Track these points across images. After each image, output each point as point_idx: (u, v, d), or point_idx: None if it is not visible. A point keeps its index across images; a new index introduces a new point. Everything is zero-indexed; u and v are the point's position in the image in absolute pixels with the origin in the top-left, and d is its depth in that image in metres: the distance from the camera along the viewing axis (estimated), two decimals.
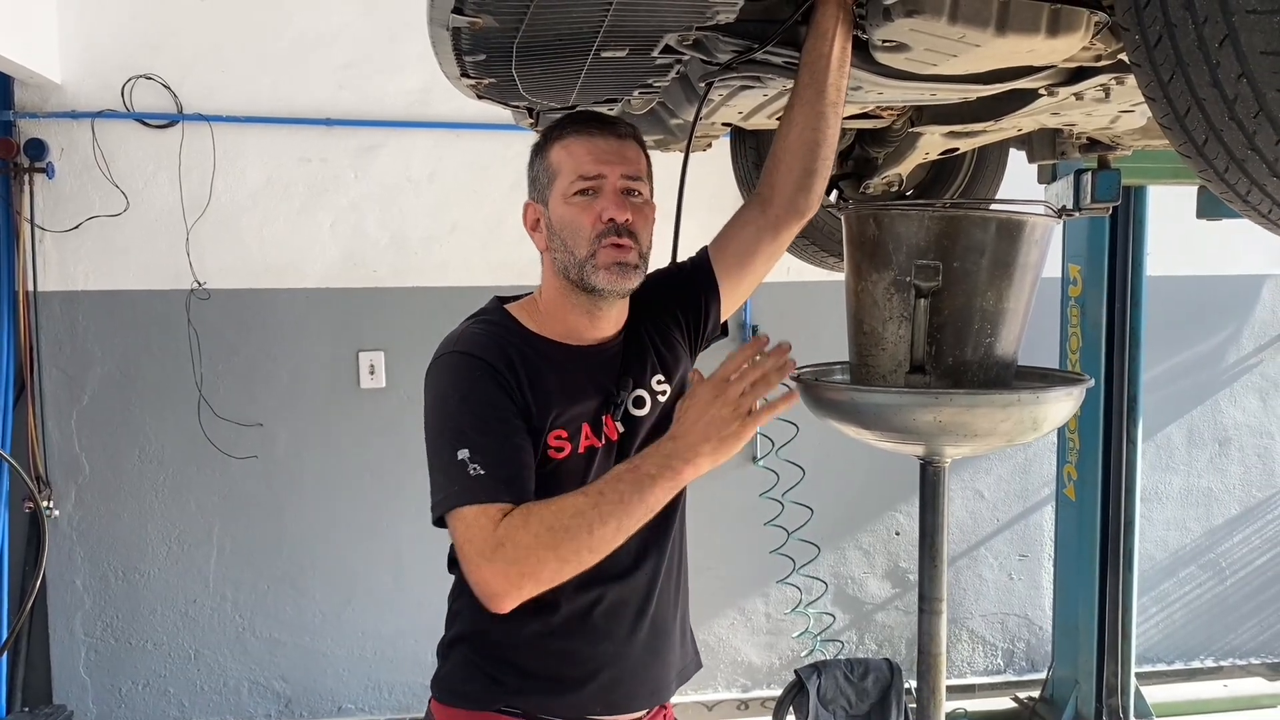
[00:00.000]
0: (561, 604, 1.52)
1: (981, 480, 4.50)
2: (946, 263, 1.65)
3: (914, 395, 1.63)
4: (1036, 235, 1.74)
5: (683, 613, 1.69)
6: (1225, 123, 0.89)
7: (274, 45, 3.87)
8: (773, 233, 1.65)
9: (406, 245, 3.99)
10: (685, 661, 1.70)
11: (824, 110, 1.52)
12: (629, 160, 1.55)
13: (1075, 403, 1.74)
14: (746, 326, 4.19)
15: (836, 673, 2.59)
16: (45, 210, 3.76)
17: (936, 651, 1.78)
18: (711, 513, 4.23)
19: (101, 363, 3.86)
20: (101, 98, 3.76)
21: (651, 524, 1.55)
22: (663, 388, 1.63)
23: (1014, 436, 1.67)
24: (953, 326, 1.70)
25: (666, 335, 1.67)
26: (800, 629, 4.27)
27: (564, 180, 1.53)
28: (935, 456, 1.74)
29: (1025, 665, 4.59)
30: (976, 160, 2.56)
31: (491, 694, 1.55)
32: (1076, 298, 3.81)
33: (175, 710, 3.99)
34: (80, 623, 3.91)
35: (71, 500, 3.86)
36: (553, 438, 1.50)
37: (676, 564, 1.65)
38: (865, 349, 1.79)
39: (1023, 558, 4.56)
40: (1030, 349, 4.31)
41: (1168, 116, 0.96)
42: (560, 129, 1.59)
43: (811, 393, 1.78)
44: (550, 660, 1.55)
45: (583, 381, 1.55)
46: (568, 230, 1.53)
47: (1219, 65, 0.86)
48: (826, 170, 1.59)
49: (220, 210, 3.86)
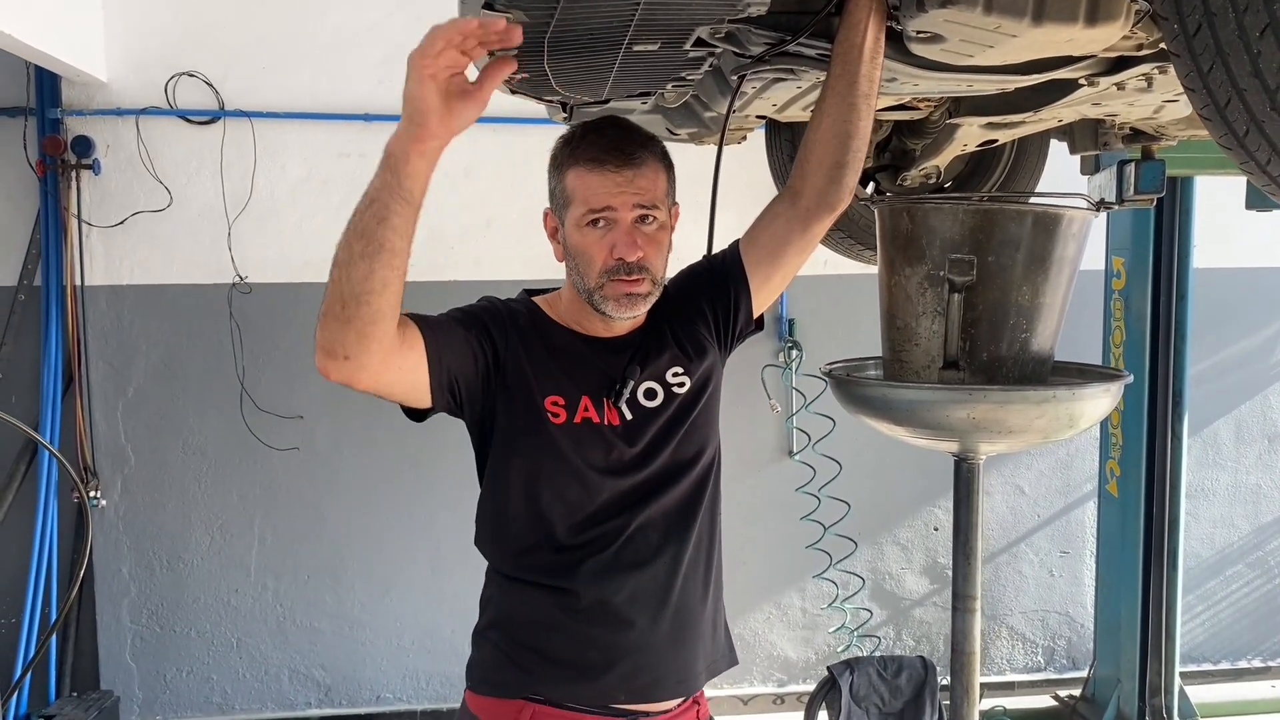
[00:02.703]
0: (582, 592, 1.55)
1: (1022, 476, 4.44)
2: (981, 257, 1.62)
3: (948, 391, 1.61)
4: (1074, 229, 1.70)
5: (713, 606, 1.68)
6: (1267, 114, 0.86)
7: (313, 41, 3.91)
8: (803, 225, 1.63)
9: (443, 240, 4.02)
10: (716, 655, 1.70)
11: (856, 102, 1.50)
12: (642, 190, 1.55)
13: (1113, 399, 1.71)
14: (782, 320, 4.17)
15: (870, 670, 2.57)
16: (92, 206, 3.84)
17: (970, 650, 1.76)
18: (747, 507, 4.22)
19: (146, 356, 3.93)
20: (146, 95, 3.83)
21: (670, 515, 1.56)
22: (679, 380, 1.63)
23: (1050, 433, 1.65)
24: (987, 322, 1.67)
25: (692, 329, 1.67)
26: (837, 624, 4.24)
27: (577, 209, 1.57)
28: (970, 453, 1.72)
29: (1066, 663, 4.52)
30: (1016, 152, 2.52)
31: (519, 681, 1.57)
32: (1120, 291, 3.75)
33: (218, 697, 4.06)
34: (126, 610, 4.00)
35: (118, 490, 3.94)
36: (549, 402, 1.55)
37: (705, 557, 1.65)
38: (898, 344, 1.76)
39: (1064, 554, 4.49)
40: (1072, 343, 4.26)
41: (1208, 108, 0.94)
42: (575, 152, 1.61)
43: (844, 388, 1.76)
44: (573, 647, 1.57)
45: (587, 365, 1.59)
46: (580, 258, 1.58)
47: (1260, 55, 0.84)
48: (858, 163, 1.58)
49: (261, 205, 3.92)
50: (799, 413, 4.13)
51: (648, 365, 1.61)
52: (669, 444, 1.60)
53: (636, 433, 1.58)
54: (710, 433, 1.67)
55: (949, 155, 2.35)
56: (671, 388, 1.62)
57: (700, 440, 1.64)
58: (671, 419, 1.60)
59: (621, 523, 1.56)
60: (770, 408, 4.10)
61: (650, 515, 1.58)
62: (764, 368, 4.09)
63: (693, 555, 1.62)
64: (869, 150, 2.57)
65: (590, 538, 1.55)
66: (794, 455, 4.17)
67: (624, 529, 1.56)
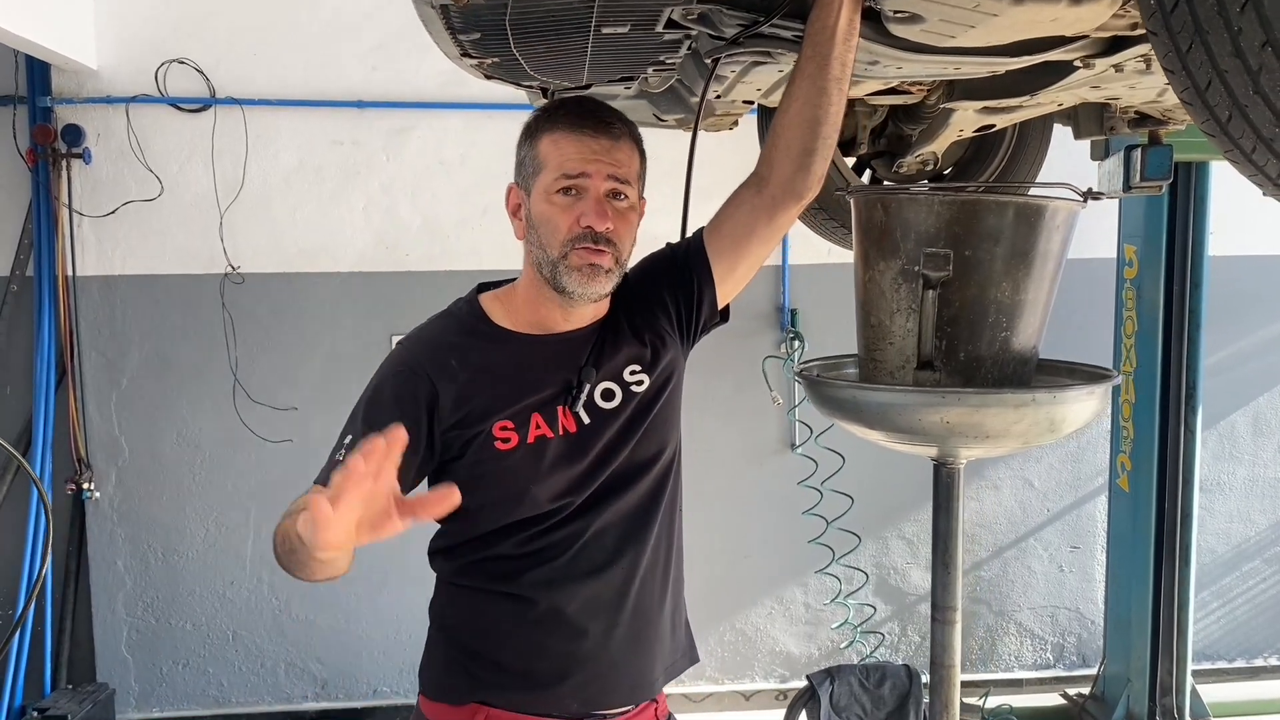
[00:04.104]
0: (535, 600, 1.49)
1: (1031, 469, 4.34)
2: (958, 251, 1.53)
3: (918, 394, 1.52)
4: (1057, 221, 1.60)
5: (673, 606, 1.63)
6: (1250, 97, 0.78)
7: (305, 27, 3.84)
8: (768, 214, 1.55)
9: (439, 229, 3.95)
10: (675, 656, 1.65)
11: (826, 86, 1.42)
12: (618, 162, 1.50)
13: (1099, 402, 1.61)
14: (785, 311, 4.08)
15: (851, 678, 2.49)
16: (83, 195, 3.79)
17: (950, 664, 1.68)
18: (749, 500, 4.16)
19: (139, 346, 3.89)
20: (136, 83, 3.77)
21: (628, 518, 1.50)
22: (637, 378, 1.56)
23: (1030, 439, 1.56)
24: (964, 320, 1.58)
25: (652, 323, 1.60)
26: (840, 619, 4.17)
27: (548, 175, 1.49)
28: (949, 458, 1.63)
29: (1076, 660, 4.43)
30: (1017, 138, 2.42)
31: (469, 688, 1.52)
32: (1132, 279, 3.64)
33: (215, 690, 4.04)
34: (122, 603, 3.97)
35: (112, 482, 3.91)
36: (498, 429, 1.47)
37: (664, 557, 1.59)
38: (873, 343, 1.68)
39: (1074, 549, 4.39)
40: (1083, 334, 4.17)
41: (1188, 91, 0.85)
42: (553, 117, 1.54)
43: (815, 389, 1.68)
44: (524, 656, 1.51)
45: (539, 373, 1.51)
46: (544, 227, 1.50)
47: (1241, 33, 0.75)
48: (828, 151, 1.49)
49: (253, 194, 3.86)
50: (801, 405, 4.05)
51: (604, 364, 1.54)
52: (626, 446, 1.53)
53: (593, 437, 1.51)
54: (670, 430, 1.60)
55: (945, 141, 2.26)
56: (630, 387, 1.55)
57: (659, 439, 1.57)
58: (629, 420, 1.54)
59: (576, 529, 1.50)
60: (772, 400, 4.02)
61: (607, 520, 1.52)
62: (765, 359, 4.01)
63: (651, 558, 1.56)
64: (865, 137, 2.50)
65: (542, 546, 1.50)
66: (796, 448, 4.09)
67: (579, 536, 1.50)
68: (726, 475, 4.12)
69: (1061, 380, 1.74)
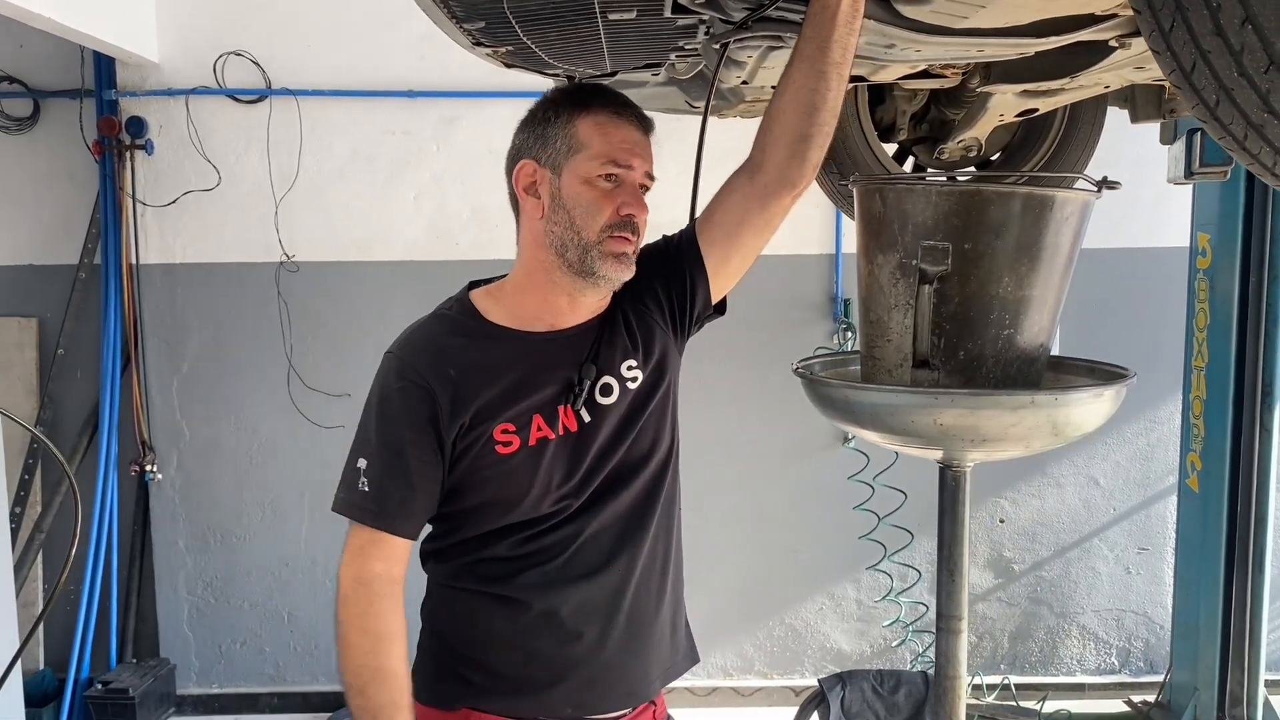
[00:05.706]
0: (529, 603, 1.46)
1: (1097, 467, 4.17)
2: (957, 244, 1.44)
3: (911, 395, 1.44)
4: (1066, 213, 1.49)
5: (672, 608, 1.58)
6: (1235, 80, 0.70)
7: (355, 18, 3.87)
8: (761, 204, 1.49)
9: (487, 218, 3.96)
10: (674, 659, 1.60)
11: (825, 70, 1.35)
12: (650, 158, 1.50)
13: (1110, 404, 1.50)
14: (838, 300, 3.99)
15: (864, 684, 2.40)
16: (145, 185, 3.90)
17: (955, 674, 1.60)
18: (799, 494, 4.08)
19: (199, 333, 3.99)
20: (195, 75, 3.86)
21: (624, 518, 1.46)
22: (633, 374, 1.52)
23: (1031, 442, 1.46)
24: (965, 316, 1.48)
25: (644, 316, 1.55)
26: (892, 617, 4.07)
27: (591, 160, 1.45)
28: (952, 461, 1.55)
29: (1143, 666, 4.26)
30: (1067, 122, 2.30)
31: (460, 694, 1.50)
32: (1205, 270, 3.45)
33: (270, 669, 4.13)
34: (183, 581, 4.09)
35: (174, 465, 4.03)
36: (499, 432, 1.43)
37: (662, 559, 1.54)
38: (872, 340, 1.60)
39: (1142, 551, 4.21)
40: (1154, 327, 3.96)
41: (1175, 74, 0.78)
42: (586, 101, 1.50)
43: (812, 388, 1.61)
44: (518, 661, 1.48)
45: (540, 372, 1.47)
46: (582, 210, 1.45)
47: (1221, 9, 0.68)
48: (824, 138, 1.42)
49: (308, 184, 3.92)
50: None
51: (601, 359, 1.50)
52: (623, 443, 1.49)
53: (592, 435, 1.48)
54: (665, 427, 1.55)
55: (986, 126, 2.17)
56: (626, 382, 1.51)
57: (654, 436, 1.53)
58: (626, 416, 1.50)
59: (573, 531, 1.47)
60: None
61: (604, 522, 1.48)
62: (817, 349, 3.93)
63: (648, 558, 1.51)
64: (904, 122, 2.41)
65: (538, 548, 1.46)
66: (848, 442, 4.00)
67: (575, 538, 1.47)
68: (777, 468, 4.06)
69: (1076, 380, 1.64)
